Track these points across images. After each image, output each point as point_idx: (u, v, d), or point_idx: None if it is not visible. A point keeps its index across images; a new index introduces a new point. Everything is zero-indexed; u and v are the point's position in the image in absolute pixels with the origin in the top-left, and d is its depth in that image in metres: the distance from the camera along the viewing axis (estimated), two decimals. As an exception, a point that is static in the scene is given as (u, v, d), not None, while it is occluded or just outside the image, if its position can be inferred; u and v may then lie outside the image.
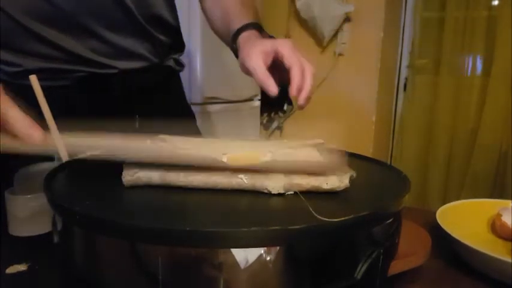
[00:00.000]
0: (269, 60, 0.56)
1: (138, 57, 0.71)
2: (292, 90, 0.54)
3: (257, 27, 0.63)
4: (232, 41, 0.63)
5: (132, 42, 0.69)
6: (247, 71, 0.56)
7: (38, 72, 0.55)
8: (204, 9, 0.76)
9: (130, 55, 0.70)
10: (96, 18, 0.64)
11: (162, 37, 0.74)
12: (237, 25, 0.63)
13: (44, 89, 0.52)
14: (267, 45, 0.56)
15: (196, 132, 0.87)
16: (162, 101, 0.76)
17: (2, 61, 0.65)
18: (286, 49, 0.55)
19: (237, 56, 0.62)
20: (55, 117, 0.45)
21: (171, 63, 0.79)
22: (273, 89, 0.54)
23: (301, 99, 0.55)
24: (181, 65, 0.82)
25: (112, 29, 0.67)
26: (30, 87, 0.46)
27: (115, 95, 0.70)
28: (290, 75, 0.55)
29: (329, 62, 2.21)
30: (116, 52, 0.68)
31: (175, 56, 0.80)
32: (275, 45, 0.56)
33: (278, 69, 0.56)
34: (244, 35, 0.61)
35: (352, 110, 2.22)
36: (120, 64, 0.69)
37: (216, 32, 0.74)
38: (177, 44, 0.79)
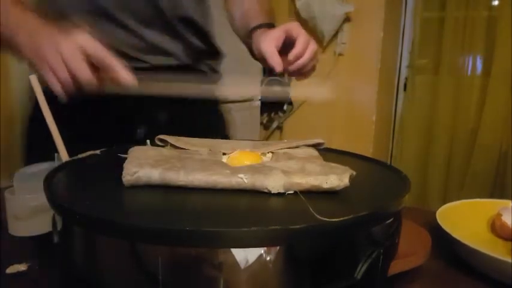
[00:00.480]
0: (280, 43, 0.63)
1: (169, 54, 0.75)
2: (290, 55, 0.63)
3: (270, 27, 0.71)
4: (247, 37, 0.72)
5: (163, 40, 0.73)
6: (260, 54, 0.65)
7: None
8: (227, 10, 0.84)
9: (162, 52, 0.73)
10: (130, 14, 0.69)
11: (193, 40, 0.77)
12: (253, 24, 0.72)
13: None
14: (277, 30, 0.65)
15: (223, 138, 0.87)
16: (191, 102, 0.78)
17: None
18: (295, 26, 0.64)
19: (250, 50, 0.72)
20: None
21: (204, 68, 0.82)
22: (278, 66, 0.62)
23: (294, 67, 0.64)
24: (216, 72, 0.86)
25: (146, 25, 0.71)
26: None
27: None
28: (295, 44, 0.63)
29: (329, 62, 2.21)
30: (148, 47, 0.72)
31: (209, 62, 0.83)
32: (285, 27, 0.64)
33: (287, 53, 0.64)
34: (258, 31, 0.70)
35: (352, 110, 2.22)
36: (152, 59, 0.73)
37: (235, 31, 0.82)
38: (212, 50, 0.83)
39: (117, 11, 0.69)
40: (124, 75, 0.54)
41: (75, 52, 0.52)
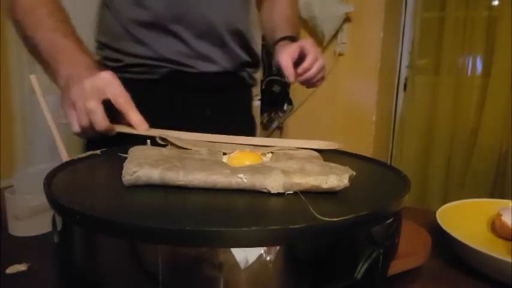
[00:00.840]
0: (295, 56, 0.76)
1: (215, 62, 0.83)
2: (300, 68, 0.76)
3: (292, 39, 0.84)
4: (272, 47, 0.88)
5: (211, 50, 0.82)
6: (278, 63, 0.78)
7: (134, 67, 0.79)
8: (260, 22, 0.98)
9: (208, 60, 0.82)
10: (184, 26, 0.78)
11: (238, 50, 0.86)
12: (278, 36, 0.86)
13: (140, 80, 0.78)
14: (294, 45, 0.78)
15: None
16: (230, 105, 0.89)
17: (108, 58, 0.81)
18: (307, 44, 0.78)
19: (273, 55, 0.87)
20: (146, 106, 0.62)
21: (244, 74, 0.90)
22: (291, 77, 0.75)
23: (301, 79, 0.78)
24: (253, 80, 0.95)
25: (197, 37, 0.79)
26: (128, 80, 0.65)
27: (192, 90, 0.83)
28: (305, 59, 0.76)
29: (329, 62, 2.21)
30: (196, 56, 0.81)
31: (250, 71, 0.92)
32: (299, 43, 0.78)
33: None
34: (281, 43, 0.84)
35: (352, 110, 2.22)
36: (199, 65, 0.81)
37: (266, 40, 0.96)
38: (253, 60, 0.91)
39: (172, 23, 0.77)
40: (137, 122, 0.60)
41: (98, 103, 0.58)
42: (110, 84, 0.60)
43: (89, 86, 0.58)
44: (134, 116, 0.61)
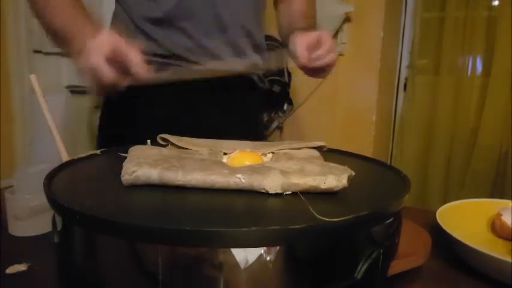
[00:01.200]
0: (311, 43, 0.75)
1: (222, 60, 0.82)
2: (314, 54, 0.74)
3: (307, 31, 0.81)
4: (286, 38, 0.84)
5: (220, 49, 0.82)
6: (293, 47, 0.76)
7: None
8: (277, 21, 0.98)
9: (216, 58, 0.82)
10: (193, 23, 0.79)
11: (249, 52, 0.86)
12: (293, 28, 0.83)
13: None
14: (313, 33, 0.76)
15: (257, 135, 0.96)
16: (238, 105, 0.89)
17: None
18: (326, 35, 0.76)
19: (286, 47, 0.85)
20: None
21: (254, 77, 0.91)
22: (303, 57, 0.74)
23: (312, 64, 0.75)
24: (263, 83, 0.96)
25: (205, 34, 0.80)
26: None
27: (200, 87, 0.82)
28: (321, 47, 0.75)
29: (329, 62, 2.20)
30: (204, 52, 0.81)
31: (259, 73, 0.92)
32: (318, 32, 0.76)
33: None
34: (296, 32, 0.80)
35: (352, 110, 2.21)
36: (205, 62, 0.81)
37: (280, 35, 0.95)
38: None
39: (181, 19, 0.78)
40: (137, 62, 0.61)
41: (100, 58, 0.60)
42: (108, 37, 0.62)
43: (90, 46, 0.61)
44: (134, 56, 0.62)
